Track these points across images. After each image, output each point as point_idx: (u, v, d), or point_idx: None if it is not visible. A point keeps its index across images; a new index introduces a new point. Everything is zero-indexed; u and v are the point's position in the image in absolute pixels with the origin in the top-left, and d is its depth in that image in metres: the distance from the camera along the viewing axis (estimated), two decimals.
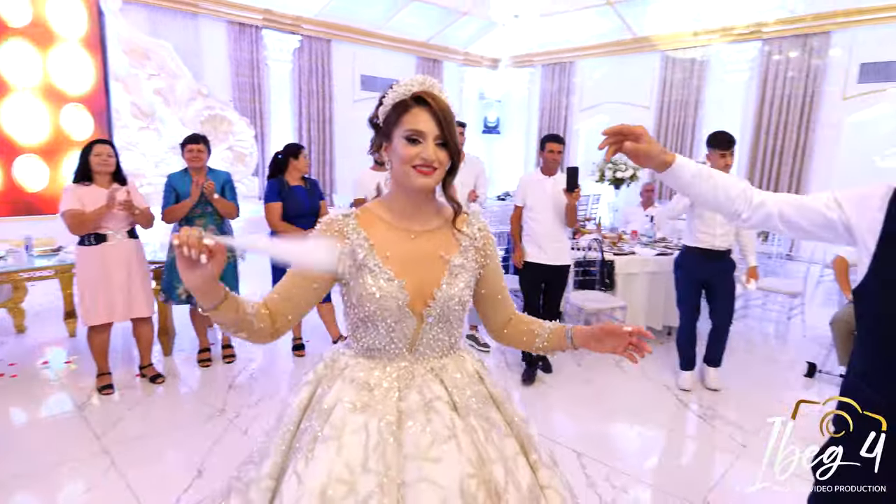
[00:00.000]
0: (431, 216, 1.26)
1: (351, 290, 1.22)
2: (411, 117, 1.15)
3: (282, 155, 3.74)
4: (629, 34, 8.86)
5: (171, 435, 2.83)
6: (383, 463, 1.09)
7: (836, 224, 1.17)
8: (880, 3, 6.58)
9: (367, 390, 1.19)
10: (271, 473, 1.16)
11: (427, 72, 9.96)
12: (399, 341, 1.22)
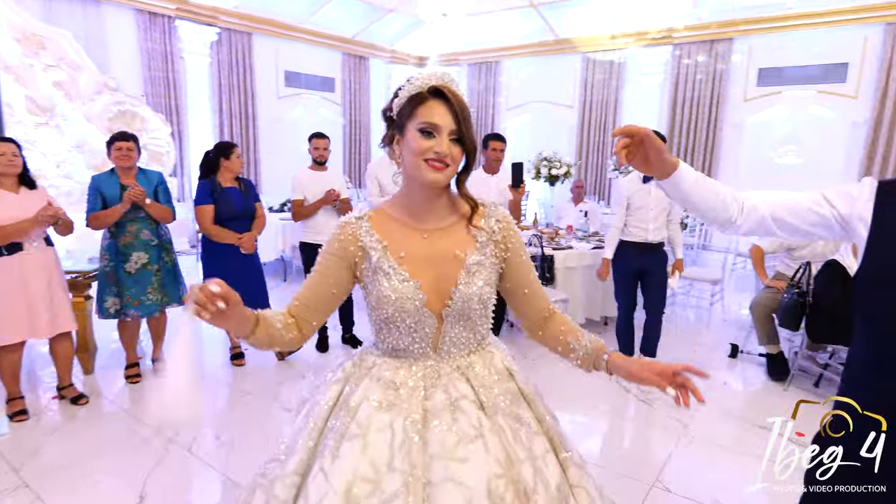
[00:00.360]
0: (445, 213, 1.23)
1: (369, 293, 1.22)
2: (427, 110, 1.12)
3: (212, 154, 3.52)
4: (552, 36, 9.15)
5: (102, 460, 2.58)
6: (409, 462, 1.08)
7: (830, 220, 1.19)
8: (775, 14, 7.22)
9: (393, 389, 1.18)
10: (297, 470, 1.14)
11: (353, 69, 9.79)
12: (422, 341, 1.21)
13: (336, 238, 1.22)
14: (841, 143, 7.05)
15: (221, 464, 2.57)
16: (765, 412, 3.22)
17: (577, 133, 9.27)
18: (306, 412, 1.27)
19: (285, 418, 3.07)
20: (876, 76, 6.73)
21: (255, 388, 3.40)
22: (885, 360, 1.13)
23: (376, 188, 3.98)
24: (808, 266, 3.44)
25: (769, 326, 3.74)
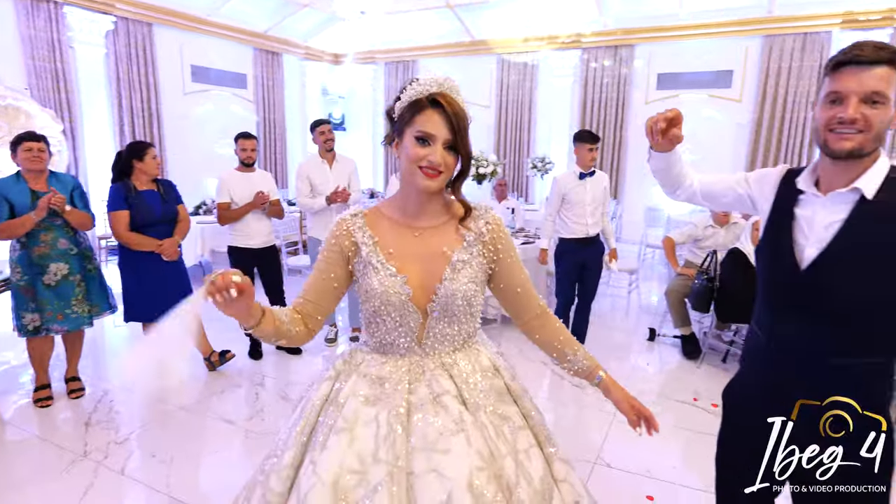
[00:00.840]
0: (438, 213, 1.27)
1: (360, 287, 1.26)
2: (424, 118, 1.15)
3: (124, 155, 3.27)
4: (468, 37, 9.34)
5: (20, 494, 2.34)
6: (393, 453, 1.11)
7: (745, 197, 1.43)
8: (670, 24, 7.85)
9: (378, 384, 1.22)
10: (292, 463, 1.17)
11: (266, 65, 9.43)
12: (407, 335, 1.24)
13: (332, 234, 1.28)
14: (729, 141, 7.82)
15: (162, 483, 2.42)
16: (681, 388, 3.53)
17: (494, 132, 9.53)
18: (301, 408, 1.29)
19: (226, 429, 2.94)
20: (756, 82, 7.52)
21: (188, 402, 3.22)
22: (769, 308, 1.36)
23: (307, 188, 3.89)
24: (715, 254, 3.80)
25: (682, 310, 4.09)
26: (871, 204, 1.17)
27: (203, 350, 3.59)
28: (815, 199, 1.25)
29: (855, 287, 1.19)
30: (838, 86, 1.13)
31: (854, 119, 1.11)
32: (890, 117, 1.12)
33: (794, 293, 1.27)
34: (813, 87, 7.12)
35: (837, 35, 6.95)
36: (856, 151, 1.14)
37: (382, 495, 1.06)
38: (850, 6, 6.72)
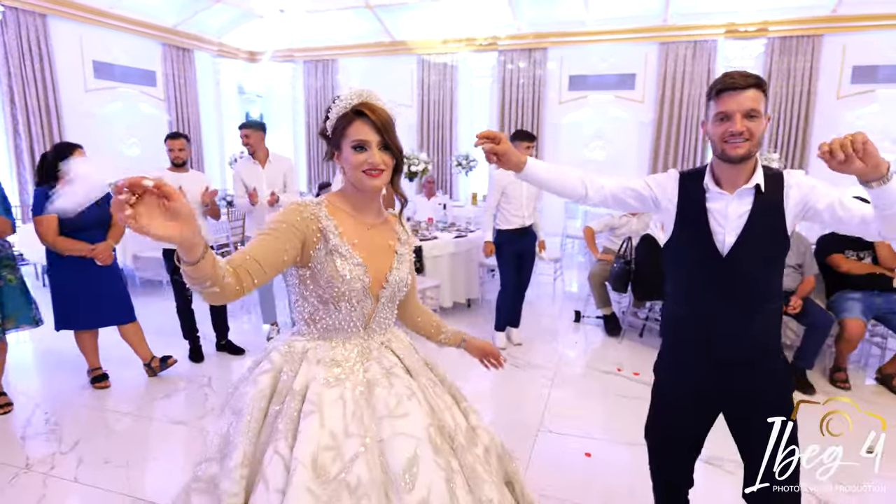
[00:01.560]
0: (379, 212, 1.44)
1: (318, 274, 1.30)
2: (355, 129, 1.29)
3: (50, 156, 3.13)
4: (388, 37, 9.45)
5: None
6: (362, 426, 1.22)
7: (648, 199, 1.69)
8: (578, 29, 8.41)
9: (335, 366, 1.31)
10: (243, 462, 1.18)
11: (176, 61, 9.02)
12: (357, 320, 1.36)
13: (297, 212, 1.28)
14: (634, 139, 8.51)
15: (122, 485, 2.39)
16: (606, 361, 3.92)
17: (417, 131, 9.71)
18: (235, 408, 1.29)
19: (179, 430, 2.92)
20: (655, 85, 8.25)
21: (131, 408, 3.14)
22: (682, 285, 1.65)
23: (242, 189, 3.90)
24: (630, 240, 4.23)
25: (603, 292, 4.50)
26: (764, 195, 1.49)
27: (143, 356, 3.49)
28: (721, 196, 1.53)
29: (757, 259, 1.50)
30: (724, 107, 1.43)
31: (741, 131, 1.41)
32: (763, 126, 1.45)
33: (717, 273, 1.53)
34: (703, 90, 7.93)
35: (722, 43, 7.80)
36: (746, 155, 1.45)
37: (359, 463, 1.17)
38: (732, 18, 7.56)
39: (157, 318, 4.26)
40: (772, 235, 1.49)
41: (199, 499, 1.22)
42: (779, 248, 1.51)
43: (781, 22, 7.38)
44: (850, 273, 3.50)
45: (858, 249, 3.55)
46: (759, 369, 1.56)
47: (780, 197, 1.49)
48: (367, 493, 1.14)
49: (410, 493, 1.17)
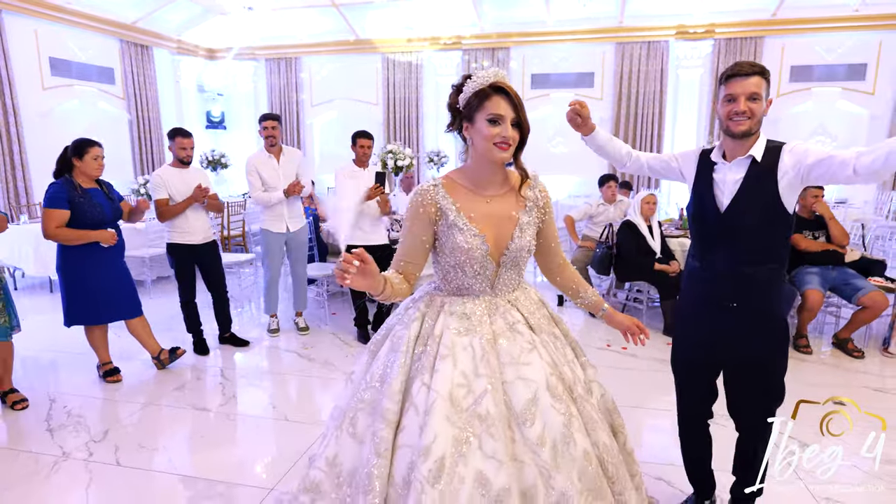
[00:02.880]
0: (501, 183, 1.57)
1: (443, 244, 1.52)
2: (493, 104, 1.43)
3: (69, 152, 3.16)
4: (353, 35, 9.53)
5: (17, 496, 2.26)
6: (489, 369, 1.43)
7: (676, 170, 1.99)
8: (539, 30, 8.77)
9: (466, 319, 1.50)
10: (400, 389, 1.43)
11: (135, 58, 8.79)
12: (483, 282, 1.54)
13: (418, 205, 1.50)
14: None
15: (166, 465, 2.47)
16: (595, 338, 4.22)
17: (383, 128, 9.84)
18: (390, 346, 1.54)
19: (203, 416, 2.99)
20: (612, 83, 8.72)
21: (148, 398, 3.18)
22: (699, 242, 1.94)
23: (258, 181, 3.95)
24: (611, 227, 4.56)
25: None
26: (759, 164, 1.76)
27: (152, 349, 3.52)
28: (724, 165, 1.82)
29: (752, 219, 1.77)
30: (731, 90, 1.70)
31: (744, 111, 1.68)
32: (763, 108, 1.73)
33: (716, 229, 1.83)
34: (657, 88, 8.45)
35: (673, 43, 8.34)
36: (747, 132, 1.72)
37: (487, 399, 1.38)
38: (682, 21, 8.10)
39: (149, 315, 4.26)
40: (764, 199, 1.75)
41: (364, 418, 1.47)
42: (773, 209, 1.75)
43: (727, 24, 7.98)
44: (808, 251, 3.94)
45: (814, 230, 4.00)
46: (752, 321, 1.83)
47: (775, 164, 1.75)
48: (494, 423, 1.35)
49: (530, 428, 1.38)
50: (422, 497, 1.27)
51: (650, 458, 2.56)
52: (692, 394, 2.05)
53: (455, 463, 1.30)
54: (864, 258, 4.01)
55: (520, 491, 1.33)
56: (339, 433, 1.49)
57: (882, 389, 3.33)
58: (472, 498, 1.28)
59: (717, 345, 1.91)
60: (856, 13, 7.54)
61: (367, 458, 1.40)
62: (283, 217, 4.08)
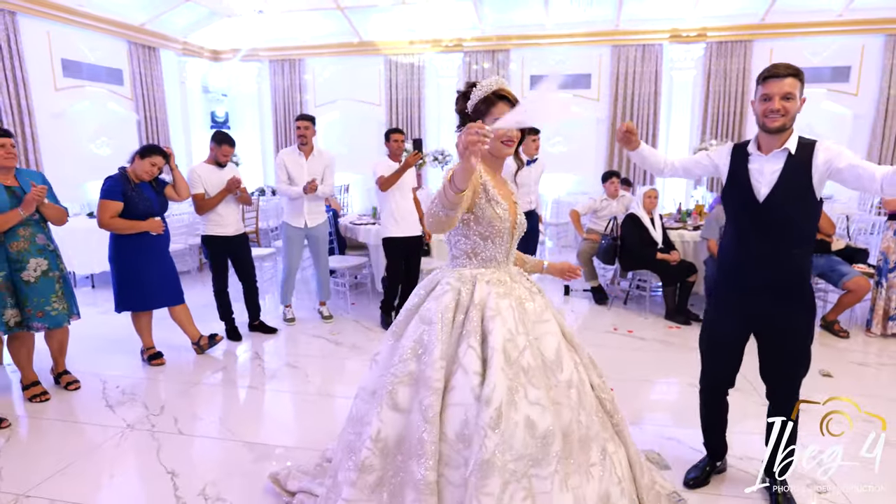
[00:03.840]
0: (501, 172, 1.87)
1: (480, 216, 1.72)
2: (498, 109, 1.69)
3: (134, 153, 3.44)
4: (356, 38, 9.76)
5: (90, 463, 2.49)
6: (525, 327, 1.69)
7: (710, 166, 2.20)
8: (538, 32, 9.07)
9: (501, 285, 1.75)
10: (441, 356, 1.60)
11: (142, 59, 8.96)
12: (503, 253, 1.80)
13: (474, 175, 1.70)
14: (592, 135, 9.26)
15: (228, 433, 2.72)
16: (601, 323, 4.52)
17: (385, 129, 10.05)
18: (419, 320, 1.72)
19: (253, 393, 3.24)
20: (609, 84, 9.03)
21: (195, 378, 3.42)
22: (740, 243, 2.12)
23: (285, 175, 4.21)
24: (615, 220, 4.85)
25: (591, 267, 5.11)
26: (793, 157, 1.97)
27: (192, 335, 3.75)
28: (760, 157, 2.02)
29: (788, 207, 1.97)
30: (767, 90, 1.91)
31: (779, 109, 1.89)
32: (797, 107, 1.92)
33: (755, 216, 2.02)
34: (652, 90, 8.78)
35: (667, 47, 8.67)
36: (781, 128, 1.93)
37: (527, 352, 1.65)
38: (676, 25, 8.43)
39: None
40: (799, 189, 1.95)
41: (404, 390, 1.64)
42: (806, 200, 1.95)
43: (718, 28, 8.32)
44: None
45: None
46: (788, 297, 2.03)
47: (809, 159, 1.95)
48: (534, 374, 1.62)
49: (561, 375, 1.68)
50: (486, 441, 1.47)
51: (658, 423, 2.86)
52: (723, 366, 2.21)
53: (508, 410, 1.52)
54: (848, 247, 4.34)
55: (561, 430, 1.59)
56: (379, 409, 1.65)
57: (864, 364, 3.68)
58: (525, 439, 1.52)
59: (753, 320, 2.10)
60: (840, 18, 7.91)
61: (416, 426, 1.56)
62: (303, 213, 4.32)
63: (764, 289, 2.03)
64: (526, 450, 1.50)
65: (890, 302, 4.08)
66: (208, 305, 4.28)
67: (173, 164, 3.60)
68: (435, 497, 1.51)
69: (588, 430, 1.65)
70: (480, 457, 1.46)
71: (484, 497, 1.43)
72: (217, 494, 2.23)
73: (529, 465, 1.50)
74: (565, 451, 1.57)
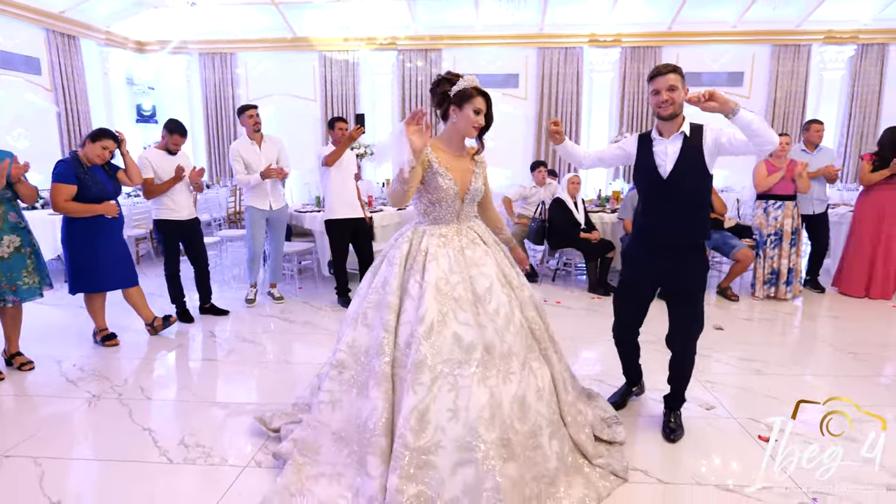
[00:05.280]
0: (462, 148, 2.25)
1: (428, 185, 2.14)
2: (478, 101, 2.11)
3: (85, 137, 3.51)
4: (290, 33, 9.83)
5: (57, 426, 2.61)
6: (460, 267, 2.10)
7: (622, 155, 2.62)
8: (468, 33, 9.53)
9: (442, 237, 2.17)
10: (397, 286, 2.09)
11: (62, 49, 8.59)
12: (452, 213, 2.20)
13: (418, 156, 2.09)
14: (521, 131, 9.84)
15: (196, 396, 2.90)
16: None
17: (321, 124, 10.20)
18: (387, 262, 2.17)
19: (211, 365, 3.41)
20: (535, 84, 9.64)
21: (156, 355, 3.54)
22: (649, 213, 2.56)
23: (242, 167, 4.36)
24: (543, 204, 5.35)
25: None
26: (688, 139, 2.41)
27: (146, 317, 3.84)
28: (662, 141, 2.47)
29: (687, 180, 2.41)
30: (655, 86, 2.37)
31: (666, 99, 2.35)
32: (681, 96, 2.36)
33: (661, 190, 2.46)
34: (574, 89, 9.46)
35: (587, 50, 9.38)
36: (672, 114, 2.37)
37: (459, 287, 2.05)
38: (594, 30, 9.15)
39: None
40: (695, 165, 2.39)
41: (372, 312, 2.11)
42: (701, 174, 2.36)
43: (631, 35, 9.11)
44: None
45: None
46: (686, 256, 2.48)
47: (700, 139, 2.41)
48: (463, 302, 2.03)
49: (489, 305, 2.09)
50: (420, 347, 1.91)
51: (585, 372, 3.32)
52: (632, 316, 2.67)
53: (440, 326, 1.97)
54: (738, 224, 5.06)
55: (483, 345, 2.01)
56: (355, 325, 2.16)
57: (750, 319, 4.38)
58: (452, 348, 1.95)
59: (657, 276, 2.54)
60: (734, 28, 8.92)
61: (378, 335, 2.05)
62: (267, 195, 4.52)
63: (667, 249, 2.47)
64: (452, 355, 1.93)
65: (765, 269, 4.82)
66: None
67: (124, 150, 3.68)
68: (389, 383, 1.97)
69: (511, 348, 2.06)
70: (416, 358, 1.91)
71: (418, 387, 1.87)
72: (196, 442, 2.44)
73: (454, 366, 1.92)
74: (486, 360, 1.99)
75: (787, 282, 4.79)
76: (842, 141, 9.14)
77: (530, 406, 2.04)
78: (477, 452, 1.80)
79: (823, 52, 9.01)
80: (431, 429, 1.82)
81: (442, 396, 1.86)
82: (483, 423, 1.84)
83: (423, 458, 1.81)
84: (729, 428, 2.64)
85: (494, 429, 1.86)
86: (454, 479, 1.79)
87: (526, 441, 1.98)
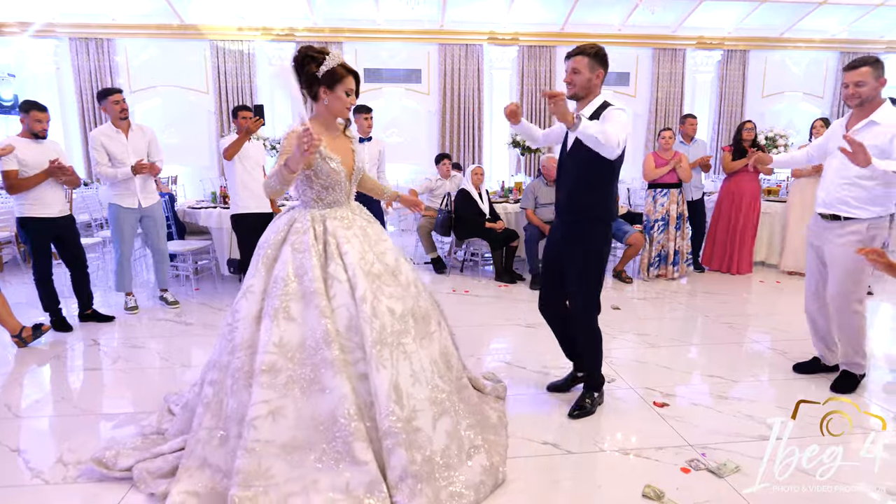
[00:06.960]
0: (338, 128, 2.25)
1: (319, 172, 2.11)
2: (349, 81, 2.11)
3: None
4: (177, 20, 9.16)
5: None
6: (369, 246, 2.15)
7: (561, 133, 2.66)
8: (370, 27, 9.41)
9: (343, 219, 2.17)
10: (320, 274, 2.04)
11: None
12: (344, 195, 2.21)
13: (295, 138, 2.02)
14: (425, 125, 9.89)
15: (74, 411, 2.61)
16: (438, 290, 5.00)
17: (216, 117, 9.62)
18: (291, 251, 2.08)
19: (96, 374, 3.09)
20: (438, 80, 9.73)
21: (25, 368, 3.14)
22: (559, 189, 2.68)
23: (105, 157, 3.92)
24: (449, 195, 5.40)
25: (430, 241, 5.61)
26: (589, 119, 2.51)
27: (11, 328, 3.39)
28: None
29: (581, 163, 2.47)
30: (566, 67, 2.48)
31: (568, 81, 2.47)
32: (586, 79, 2.44)
33: (563, 165, 2.56)
34: (475, 85, 9.66)
35: (487, 47, 9.61)
36: (574, 96, 2.48)
37: (377, 263, 2.10)
38: (493, 28, 9.40)
39: None
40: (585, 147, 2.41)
41: (296, 305, 1.99)
42: (597, 157, 2.38)
43: (527, 34, 9.46)
44: None
45: None
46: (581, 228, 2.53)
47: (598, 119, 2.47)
48: (385, 277, 2.09)
49: (401, 276, 2.16)
50: (372, 326, 1.94)
51: (495, 354, 3.40)
52: (544, 290, 2.74)
53: (377, 304, 1.99)
54: (629, 212, 5.42)
55: (411, 313, 2.10)
56: (275, 322, 1.95)
57: (644, 298, 4.71)
58: (392, 321, 2.01)
59: (560, 247, 2.58)
60: (620, 31, 9.55)
61: (314, 324, 1.96)
62: (136, 192, 4.06)
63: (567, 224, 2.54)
64: (394, 327, 2.01)
65: (652, 252, 5.22)
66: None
67: None
68: (349, 367, 1.94)
69: (427, 311, 2.23)
70: (373, 337, 1.94)
71: (385, 361, 1.94)
72: (77, 459, 2.19)
73: (399, 336, 2.02)
74: (415, 326, 2.10)
75: (674, 262, 5.22)
76: (713, 136, 10.10)
77: (451, 355, 2.32)
78: (445, 403, 2.07)
79: (696, 56, 9.90)
80: (405, 397, 1.94)
81: (402, 366, 1.98)
82: (437, 376, 2.10)
83: (412, 424, 1.92)
84: (628, 398, 2.82)
85: (445, 380, 2.14)
86: (438, 433, 1.98)
87: (458, 384, 2.29)
